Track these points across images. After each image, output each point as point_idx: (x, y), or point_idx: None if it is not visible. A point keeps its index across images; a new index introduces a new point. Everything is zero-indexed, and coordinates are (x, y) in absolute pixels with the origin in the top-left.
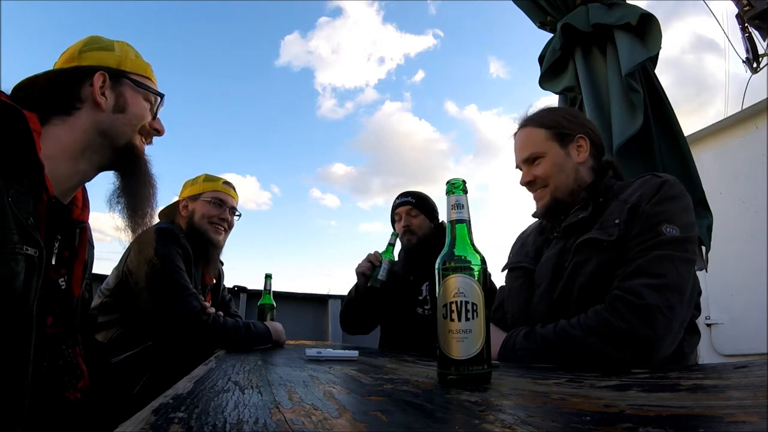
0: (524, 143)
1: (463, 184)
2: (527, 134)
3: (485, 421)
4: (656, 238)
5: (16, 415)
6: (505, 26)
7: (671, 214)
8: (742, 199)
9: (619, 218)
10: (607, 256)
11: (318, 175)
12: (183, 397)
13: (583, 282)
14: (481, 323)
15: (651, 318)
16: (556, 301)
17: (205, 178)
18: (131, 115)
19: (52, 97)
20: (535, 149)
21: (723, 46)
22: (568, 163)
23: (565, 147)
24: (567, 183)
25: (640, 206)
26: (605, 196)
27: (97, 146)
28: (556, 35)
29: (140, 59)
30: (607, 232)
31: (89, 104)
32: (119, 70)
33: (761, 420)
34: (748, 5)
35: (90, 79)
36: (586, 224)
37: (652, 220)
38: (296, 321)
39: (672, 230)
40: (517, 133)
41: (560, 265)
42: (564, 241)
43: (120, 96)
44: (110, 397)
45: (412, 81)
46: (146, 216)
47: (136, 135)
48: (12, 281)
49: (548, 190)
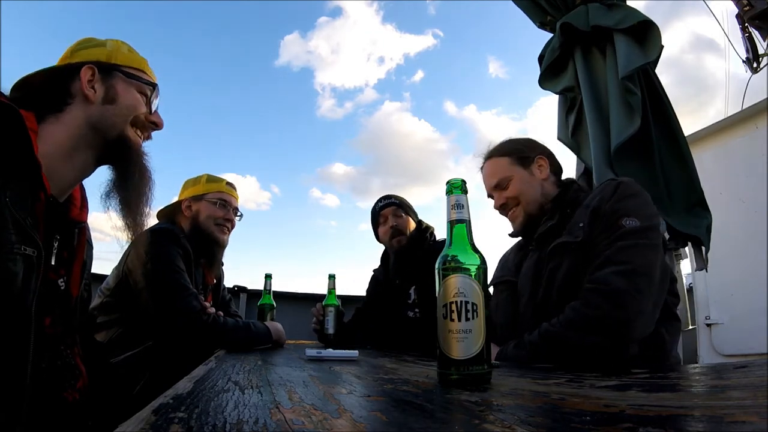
0: (491, 172)
1: (463, 184)
2: (493, 164)
3: (485, 421)
4: (618, 231)
5: (15, 415)
6: (504, 26)
7: (630, 209)
8: (742, 199)
9: (582, 221)
10: (576, 258)
11: (318, 175)
12: (183, 397)
13: (560, 284)
14: (481, 323)
15: (621, 301)
16: (540, 306)
17: (207, 179)
18: (122, 106)
19: (45, 95)
20: (503, 174)
21: (723, 46)
22: (533, 181)
23: (527, 168)
24: (536, 197)
25: (601, 207)
26: (572, 207)
27: (89, 140)
28: (555, 35)
29: (134, 54)
30: (573, 235)
31: (80, 99)
32: (109, 63)
33: (761, 420)
34: (748, 5)
35: (79, 74)
36: (555, 231)
37: (613, 217)
38: (296, 321)
39: (632, 222)
40: (484, 166)
41: (538, 272)
42: (539, 251)
43: (110, 88)
44: (110, 397)
45: (412, 81)
46: (142, 211)
47: (129, 127)
48: (10, 282)
49: (521, 207)
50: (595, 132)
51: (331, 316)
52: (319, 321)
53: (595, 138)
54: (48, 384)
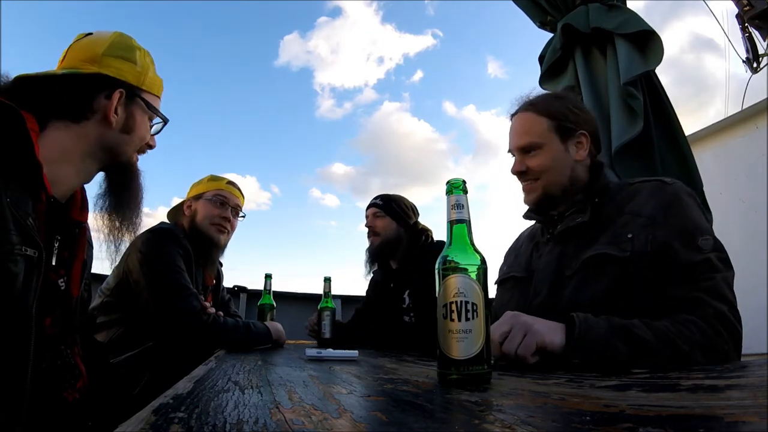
0: (523, 130)
1: (463, 184)
2: (528, 120)
3: (485, 421)
4: (702, 254)
5: (15, 415)
6: (502, 26)
7: (697, 223)
8: (742, 199)
9: (632, 232)
10: (622, 273)
11: (318, 175)
12: (183, 397)
13: (598, 299)
14: (481, 323)
15: (738, 339)
16: (561, 312)
17: (209, 179)
18: (136, 138)
19: (65, 101)
20: (534, 139)
21: (723, 45)
22: (566, 160)
23: (565, 142)
24: (561, 180)
25: (657, 218)
26: (601, 197)
27: (98, 157)
28: (556, 35)
29: (156, 75)
30: (620, 247)
31: (99, 117)
32: (136, 87)
33: (761, 420)
34: (748, 5)
35: (106, 92)
36: (584, 229)
37: (687, 237)
38: (296, 321)
39: (706, 241)
40: (517, 116)
41: (561, 272)
42: (562, 245)
43: (130, 117)
44: (110, 397)
45: (411, 81)
46: (134, 215)
47: (135, 154)
48: (11, 282)
49: (539, 183)
50: None
51: (328, 320)
52: (314, 330)
53: None
54: (48, 384)
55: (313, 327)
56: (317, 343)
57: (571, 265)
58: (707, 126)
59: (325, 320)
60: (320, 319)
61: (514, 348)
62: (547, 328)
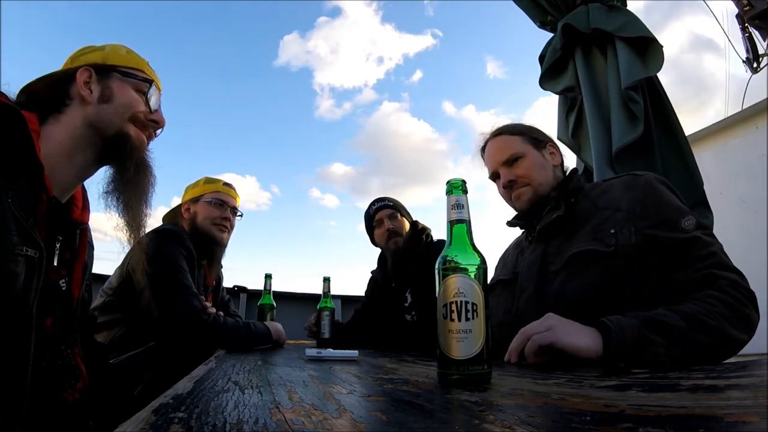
0: (501, 147)
1: (463, 184)
2: (503, 140)
3: (485, 421)
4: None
5: (15, 415)
6: (501, 27)
7: (676, 206)
8: (742, 199)
9: (614, 228)
10: (607, 266)
11: (317, 175)
12: (183, 397)
13: (584, 292)
14: (481, 323)
15: (755, 303)
16: (548, 307)
17: (205, 181)
18: (118, 104)
19: (46, 98)
20: (515, 150)
21: (722, 45)
22: (546, 163)
23: (540, 150)
24: (548, 180)
25: (635, 209)
26: (576, 197)
27: (88, 139)
28: (556, 35)
29: (132, 55)
30: (604, 243)
31: (77, 100)
32: (106, 64)
33: (761, 420)
34: (748, 5)
35: (76, 77)
36: (562, 226)
37: (670, 223)
38: (296, 321)
39: (689, 222)
40: (490, 143)
41: (545, 268)
42: (544, 244)
43: (106, 87)
44: (110, 397)
45: (411, 81)
46: (142, 209)
47: (128, 124)
48: (12, 282)
49: (530, 187)
50: (595, 132)
51: (327, 320)
52: (312, 331)
53: (596, 138)
54: (48, 384)
55: (312, 327)
56: (316, 343)
57: (555, 261)
58: (707, 126)
59: (324, 320)
60: (319, 319)
61: (530, 333)
62: (574, 329)
